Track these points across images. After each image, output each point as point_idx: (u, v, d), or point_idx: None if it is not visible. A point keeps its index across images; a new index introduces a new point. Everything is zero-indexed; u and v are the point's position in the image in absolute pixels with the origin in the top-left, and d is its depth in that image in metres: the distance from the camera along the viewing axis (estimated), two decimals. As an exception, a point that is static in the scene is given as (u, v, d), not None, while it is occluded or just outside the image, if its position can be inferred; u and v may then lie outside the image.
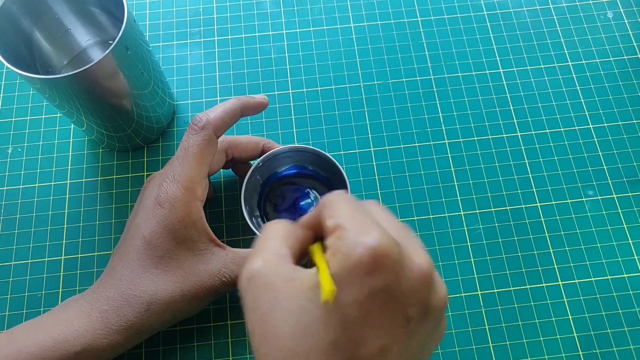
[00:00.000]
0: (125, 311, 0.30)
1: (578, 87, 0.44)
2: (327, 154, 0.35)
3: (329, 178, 0.37)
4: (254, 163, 0.35)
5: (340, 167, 0.35)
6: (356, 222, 0.22)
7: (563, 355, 0.35)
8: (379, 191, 0.40)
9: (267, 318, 0.22)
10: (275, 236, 0.25)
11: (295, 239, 0.25)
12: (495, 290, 0.37)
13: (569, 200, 0.40)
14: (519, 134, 0.42)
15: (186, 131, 0.32)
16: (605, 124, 0.42)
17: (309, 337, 0.21)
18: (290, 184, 0.38)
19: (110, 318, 0.30)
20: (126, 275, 0.31)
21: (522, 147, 0.41)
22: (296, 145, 0.38)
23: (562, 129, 0.42)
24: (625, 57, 0.45)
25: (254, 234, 0.34)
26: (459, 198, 0.40)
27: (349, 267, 0.20)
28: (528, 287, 0.37)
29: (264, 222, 0.37)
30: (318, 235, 0.25)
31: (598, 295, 0.37)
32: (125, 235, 0.33)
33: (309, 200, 0.38)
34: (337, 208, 0.23)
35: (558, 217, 0.39)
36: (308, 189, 0.38)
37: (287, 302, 0.22)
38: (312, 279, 0.22)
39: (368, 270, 0.20)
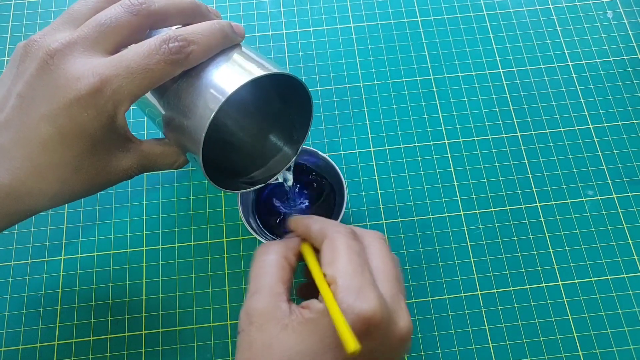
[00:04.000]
0: (26, 200, 0.27)
1: (578, 87, 0.44)
2: (323, 154, 0.35)
3: (326, 177, 0.37)
4: None
5: (336, 166, 0.35)
6: (354, 282, 0.24)
7: (563, 355, 0.36)
8: (378, 191, 0.40)
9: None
10: (272, 271, 0.27)
11: (289, 267, 0.27)
12: (495, 290, 0.37)
13: (568, 200, 0.40)
14: (518, 134, 0.42)
15: (154, 43, 0.26)
16: (605, 124, 0.42)
17: None
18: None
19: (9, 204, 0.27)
20: (28, 168, 0.27)
21: (522, 147, 0.41)
22: None
23: (562, 129, 0.42)
24: (625, 57, 0.45)
25: (251, 234, 0.34)
26: (459, 198, 0.40)
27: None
28: (528, 287, 0.37)
29: (259, 223, 0.37)
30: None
31: (598, 295, 0.37)
32: (20, 116, 0.27)
33: (304, 201, 0.38)
34: (338, 256, 0.25)
35: (558, 217, 0.39)
36: (304, 189, 0.38)
37: (279, 350, 0.24)
38: (304, 328, 0.24)
39: (358, 336, 0.22)
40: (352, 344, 0.21)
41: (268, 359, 0.24)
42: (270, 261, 0.27)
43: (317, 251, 0.28)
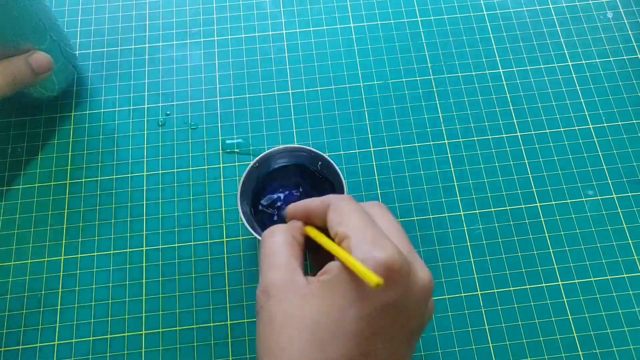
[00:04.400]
0: None
1: (578, 87, 0.44)
2: (323, 153, 0.35)
3: (326, 177, 0.37)
4: (250, 164, 0.35)
5: (336, 166, 0.35)
6: (367, 234, 0.23)
7: (563, 355, 0.36)
8: (378, 191, 0.40)
9: (280, 331, 0.23)
10: (283, 249, 0.26)
11: (298, 246, 0.27)
12: (495, 290, 0.37)
13: (568, 200, 0.40)
14: (518, 134, 0.42)
15: None
16: (605, 124, 0.42)
17: (319, 351, 0.22)
18: (285, 184, 0.38)
19: None
20: None
21: (522, 147, 0.41)
22: (291, 145, 0.38)
23: (561, 129, 0.42)
24: (625, 57, 0.45)
25: (251, 234, 0.34)
26: (458, 198, 0.40)
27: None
28: (528, 287, 0.37)
29: (259, 224, 0.37)
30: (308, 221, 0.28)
31: (598, 295, 0.37)
32: None
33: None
34: (346, 215, 0.25)
35: (558, 217, 0.39)
36: (304, 189, 0.38)
37: (302, 317, 0.23)
38: (324, 290, 0.23)
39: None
40: (373, 277, 0.21)
41: (292, 329, 0.23)
42: (279, 241, 0.27)
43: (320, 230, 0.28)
